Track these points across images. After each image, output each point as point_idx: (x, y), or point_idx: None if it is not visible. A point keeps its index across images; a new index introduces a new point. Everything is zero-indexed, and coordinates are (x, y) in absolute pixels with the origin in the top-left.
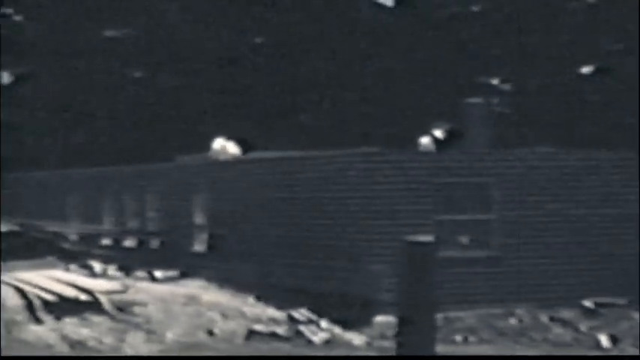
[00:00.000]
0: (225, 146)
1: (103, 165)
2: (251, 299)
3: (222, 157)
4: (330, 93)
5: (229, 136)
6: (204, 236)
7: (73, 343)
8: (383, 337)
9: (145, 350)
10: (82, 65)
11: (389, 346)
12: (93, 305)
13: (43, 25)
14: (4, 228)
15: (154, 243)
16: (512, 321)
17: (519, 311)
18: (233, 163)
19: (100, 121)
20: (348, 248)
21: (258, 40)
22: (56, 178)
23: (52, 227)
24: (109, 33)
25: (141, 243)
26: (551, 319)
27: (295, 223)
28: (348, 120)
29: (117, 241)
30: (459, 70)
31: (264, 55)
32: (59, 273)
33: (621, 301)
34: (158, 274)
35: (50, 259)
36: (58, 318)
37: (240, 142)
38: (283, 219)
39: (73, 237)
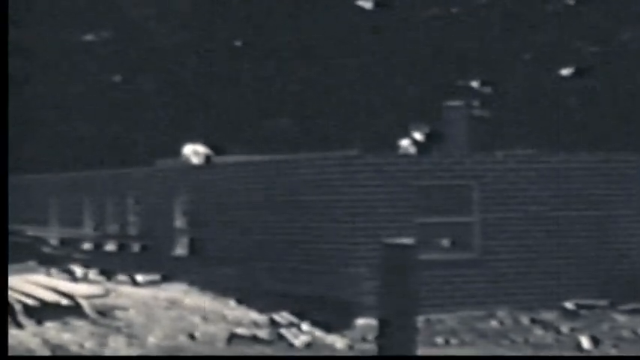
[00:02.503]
0: (196, 150)
1: (83, 169)
2: (232, 302)
3: (192, 161)
4: (309, 96)
5: (204, 141)
6: (186, 240)
7: (55, 348)
8: (364, 339)
9: (126, 354)
10: (60, 69)
11: (370, 348)
12: (74, 309)
13: (22, 30)
14: None
15: (135, 247)
16: (494, 323)
17: (500, 313)
18: (213, 167)
19: (79, 125)
20: (328, 251)
21: (236, 42)
22: (36, 182)
23: (33, 232)
24: (87, 37)
25: (122, 247)
26: (532, 320)
27: (276, 226)
28: (327, 123)
29: (98, 246)
30: (438, 72)
31: (242, 58)
32: (40, 277)
33: (602, 302)
34: (139, 278)
35: (31, 263)
36: (39, 322)
37: (211, 146)
38: (264, 222)
39: (54, 241)
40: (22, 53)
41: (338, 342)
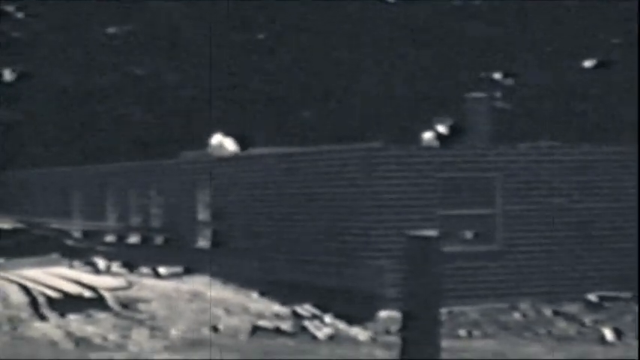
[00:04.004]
0: (223, 142)
1: (106, 162)
2: (255, 295)
3: (219, 154)
4: (333, 89)
5: (229, 132)
6: (208, 232)
7: (78, 340)
8: (387, 332)
9: (149, 347)
10: (84, 62)
11: (393, 341)
12: (97, 302)
13: (45, 23)
14: (9, 225)
15: (158, 239)
16: (516, 315)
17: (523, 305)
18: (236, 159)
19: (103, 118)
20: (351, 244)
21: (260, 35)
22: (60, 175)
23: (56, 224)
24: (110, 30)
25: (145, 239)
26: (555, 313)
27: (299, 218)
28: (351, 116)
29: (121, 238)
30: (461, 65)
31: (266, 51)
32: (63, 270)
33: (625, 294)
34: (162, 270)
35: (54, 256)
36: (62, 315)
37: (238, 138)
38: (287, 215)
39: (77, 234)
40: (46, 46)
41: (361, 334)
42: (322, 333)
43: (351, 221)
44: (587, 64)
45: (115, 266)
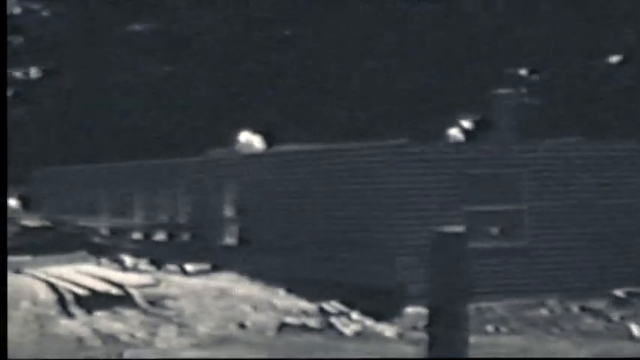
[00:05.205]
0: (251, 140)
1: (132, 159)
2: (282, 292)
3: (247, 151)
4: (358, 85)
5: (256, 130)
6: (235, 229)
7: (105, 337)
8: (414, 328)
9: (176, 344)
10: (109, 60)
11: (420, 337)
12: (124, 299)
13: (69, 20)
14: (35, 223)
15: (185, 236)
16: (543, 311)
17: (550, 301)
18: (262, 156)
19: (129, 116)
20: (378, 240)
21: (286, 32)
22: (87, 172)
23: (83, 222)
24: (133, 27)
25: (171, 237)
26: (582, 308)
27: (325, 215)
28: (376, 112)
29: (148, 235)
30: (487, 60)
31: (292, 47)
32: (90, 267)
33: None
34: (189, 267)
35: (81, 253)
36: (89, 312)
37: (265, 135)
38: (313, 211)
39: (104, 231)
40: (70, 44)
41: (387, 331)
42: (349, 329)
43: (377, 218)
44: (614, 59)
45: (143, 263)
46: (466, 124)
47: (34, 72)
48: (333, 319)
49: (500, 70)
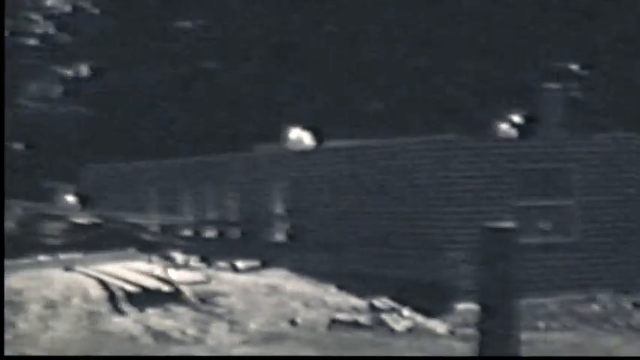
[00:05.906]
0: (301, 136)
1: (181, 156)
2: (332, 288)
3: (297, 147)
4: (405, 80)
5: (304, 126)
6: (285, 226)
7: (157, 334)
8: (465, 324)
9: (227, 341)
10: (158, 56)
11: (472, 333)
12: (175, 296)
13: (118, 18)
14: (85, 220)
15: (235, 233)
16: (595, 307)
17: (602, 297)
18: (311, 152)
19: (178, 112)
20: (428, 236)
21: (331, 28)
22: (135, 169)
23: (133, 219)
24: (182, 24)
25: (221, 233)
26: (634, 304)
27: (374, 211)
28: (424, 107)
29: (197, 232)
30: (536, 55)
31: (336, 44)
32: (141, 264)
33: None
34: (239, 264)
35: (131, 250)
36: (140, 309)
37: (314, 131)
38: (362, 208)
39: (154, 228)
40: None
41: (439, 327)
42: (400, 326)
43: (427, 213)
44: None
45: (193, 260)
46: (516, 118)
47: (84, 70)
48: (384, 316)
49: (550, 65)
